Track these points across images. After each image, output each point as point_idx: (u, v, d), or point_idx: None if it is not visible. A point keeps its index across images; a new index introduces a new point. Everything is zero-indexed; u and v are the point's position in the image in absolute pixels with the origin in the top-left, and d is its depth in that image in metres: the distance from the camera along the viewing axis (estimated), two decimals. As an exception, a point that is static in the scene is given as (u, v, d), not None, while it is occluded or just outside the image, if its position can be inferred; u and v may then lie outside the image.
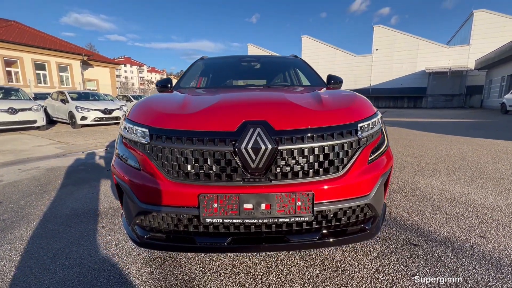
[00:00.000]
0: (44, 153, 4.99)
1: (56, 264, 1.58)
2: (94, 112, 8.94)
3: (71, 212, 2.32)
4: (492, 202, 2.40)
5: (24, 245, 1.80)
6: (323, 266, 1.52)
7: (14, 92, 8.73)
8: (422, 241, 1.77)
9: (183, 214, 1.17)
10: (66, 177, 3.41)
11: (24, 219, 2.21)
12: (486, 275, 1.41)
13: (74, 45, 22.59)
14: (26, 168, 3.89)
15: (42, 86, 18.95)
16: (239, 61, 2.91)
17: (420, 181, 3.01)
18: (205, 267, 1.52)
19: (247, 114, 1.21)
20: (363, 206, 1.26)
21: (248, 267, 1.51)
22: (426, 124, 9.68)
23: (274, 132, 1.15)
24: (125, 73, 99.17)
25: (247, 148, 1.11)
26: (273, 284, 1.37)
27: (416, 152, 4.61)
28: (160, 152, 1.20)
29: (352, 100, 1.51)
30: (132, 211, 1.27)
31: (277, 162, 1.15)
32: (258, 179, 1.15)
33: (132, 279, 1.43)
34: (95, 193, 2.79)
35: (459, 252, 1.62)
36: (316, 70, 2.79)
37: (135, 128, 1.30)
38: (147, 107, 1.46)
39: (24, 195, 2.76)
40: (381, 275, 1.43)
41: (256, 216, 1.13)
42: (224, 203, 1.12)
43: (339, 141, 1.19)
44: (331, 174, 1.19)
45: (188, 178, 1.17)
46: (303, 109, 1.30)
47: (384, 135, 1.52)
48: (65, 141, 6.55)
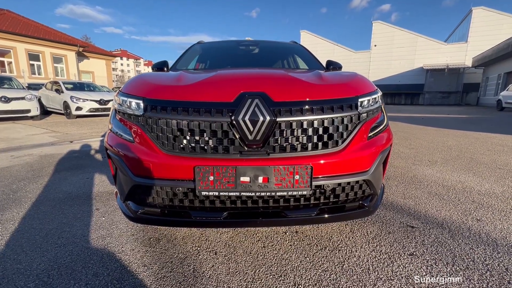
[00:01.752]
0: (37, 141, 4.90)
1: (48, 243, 1.55)
2: (90, 102, 8.81)
3: (65, 196, 2.28)
4: (488, 189, 2.41)
5: (16, 225, 1.76)
6: (320, 245, 1.50)
7: (7, 80, 8.55)
8: (419, 223, 1.76)
9: (178, 188, 1.14)
10: (60, 163, 3.36)
11: (16, 201, 2.16)
12: (482, 254, 1.41)
13: (69, 36, 22.16)
14: (19, 155, 3.82)
15: (36, 77, 18.61)
16: (237, 45, 2.86)
17: (417, 170, 3.01)
18: (201, 246, 1.49)
19: (245, 86, 1.18)
20: (361, 182, 1.24)
21: (244, 246, 1.49)
22: (423, 118, 9.71)
23: (273, 103, 1.11)
24: (122, 66, 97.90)
25: (245, 119, 1.08)
26: (269, 263, 1.36)
27: (414, 144, 4.61)
28: (154, 123, 1.16)
29: (352, 77, 1.48)
30: (125, 185, 1.24)
31: (275, 134, 1.12)
32: (255, 151, 1.12)
33: (125, 257, 1.40)
34: (89, 178, 2.75)
35: (456, 234, 1.62)
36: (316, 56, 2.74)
37: (128, 100, 1.26)
38: (142, 80, 1.41)
39: (16, 180, 2.70)
40: (378, 254, 1.42)
41: (253, 189, 1.10)
42: (220, 175, 1.09)
43: (339, 114, 1.17)
44: (330, 148, 1.16)
45: (184, 151, 1.14)
46: (303, 82, 1.26)
47: (384, 114, 1.50)
48: (59, 130, 6.44)
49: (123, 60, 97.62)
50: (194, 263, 1.35)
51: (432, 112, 14.52)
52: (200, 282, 1.21)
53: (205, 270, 1.29)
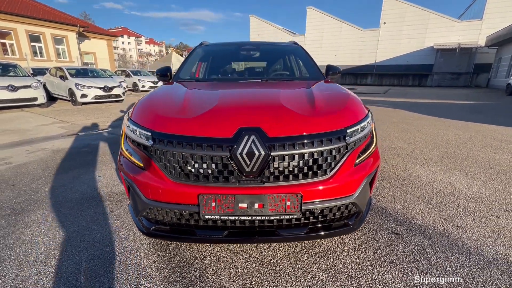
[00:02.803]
0: (48, 133, 5.10)
1: (72, 246, 1.76)
2: (94, 89, 8.90)
3: (81, 196, 2.49)
4: (475, 192, 2.55)
5: (41, 228, 1.98)
6: (311, 252, 1.70)
7: (12, 68, 8.62)
8: (403, 230, 1.93)
9: (184, 211, 1.31)
10: (72, 159, 3.56)
11: (37, 202, 2.38)
12: (455, 263, 1.59)
13: (69, 15, 21.65)
14: (32, 149, 4.03)
15: (38, 59, 18.53)
16: (239, 49, 2.90)
17: (411, 170, 3.15)
18: (205, 252, 1.70)
19: (243, 121, 1.30)
20: (346, 204, 1.39)
21: (244, 252, 1.69)
22: (427, 106, 9.63)
23: (267, 139, 1.24)
24: (123, 45, 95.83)
25: (242, 154, 1.21)
26: (265, 268, 1.56)
27: (412, 138, 4.70)
28: (162, 154, 1.31)
29: (344, 103, 1.58)
30: (138, 205, 1.41)
31: (270, 166, 1.25)
32: (252, 181, 1.26)
33: (140, 262, 1.61)
34: (101, 177, 2.95)
35: (435, 242, 1.79)
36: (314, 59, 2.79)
37: (139, 130, 1.39)
38: (150, 108, 1.54)
39: (34, 178, 2.92)
40: (361, 262, 1.61)
41: (250, 214, 1.27)
42: (221, 202, 1.25)
43: (328, 147, 1.29)
44: (319, 177, 1.30)
45: (189, 179, 1.29)
46: (295, 115, 1.37)
47: (373, 135, 1.61)
48: (67, 120, 6.63)
49: (124, 38, 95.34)
50: (200, 268, 1.56)
51: (438, 96, 14.28)
52: (205, 287, 1.42)
53: (209, 276, 1.50)
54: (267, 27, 40.17)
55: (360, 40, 33.96)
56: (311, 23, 36.52)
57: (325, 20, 35.32)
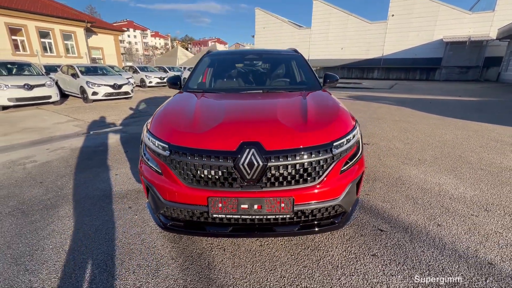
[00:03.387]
0: (64, 132, 5.44)
1: (99, 237, 2.06)
2: (104, 87, 9.22)
3: (101, 193, 2.79)
4: (461, 192, 2.75)
5: (71, 222, 2.28)
6: (304, 245, 1.95)
7: (26, 66, 8.98)
8: (388, 227, 2.17)
9: (196, 210, 1.57)
10: (90, 158, 3.87)
11: (64, 198, 2.69)
12: (429, 256, 1.82)
13: (76, 11, 21.97)
14: (53, 148, 4.36)
15: (48, 55, 18.95)
16: (243, 57, 3.12)
17: (404, 170, 3.35)
18: (213, 244, 1.97)
19: (244, 136, 1.54)
20: (334, 205, 1.63)
21: (246, 245, 1.96)
22: (431, 103, 9.66)
23: (265, 152, 1.48)
24: (128, 38, 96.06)
25: (244, 164, 1.46)
26: (264, 258, 1.82)
27: (411, 138, 4.86)
28: (177, 163, 1.56)
29: (332, 118, 1.80)
30: (157, 204, 1.68)
31: (267, 174, 1.50)
32: (252, 186, 1.51)
33: (158, 251, 1.90)
34: (118, 175, 3.25)
35: (415, 238, 2.03)
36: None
37: (156, 142, 1.65)
38: (165, 122, 1.79)
39: (59, 176, 3.24)
40: (347, 254, 1.86)
41: (250, 213, 1.52)
42: (226, 203, 1.51)
43: (316, 158, 1.53)
44: (309, 183, 1.54)
45: (199, 184, 1.55)
46: (289, 131, 1.61)
47: (359, 145, 1.83)
48: (80, 118, 6.96)
49: (130, 32, 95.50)
50: (208, 257, 1.84)
51: (444, 92, 14.18)
52: (213, 273, 1.69)
53: (216, 264, 1.77)
54: (272, 20, 39.82)
55: (367, 33, 33.44)
56: (317, 15, 36.04)
57: (332, 12, 34.80)
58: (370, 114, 7.29)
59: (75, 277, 1.67)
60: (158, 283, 1.62)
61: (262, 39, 41.19)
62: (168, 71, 19.65)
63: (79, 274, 1.69)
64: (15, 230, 2.16)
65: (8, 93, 7.52)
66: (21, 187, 2.93)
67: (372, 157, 3.82)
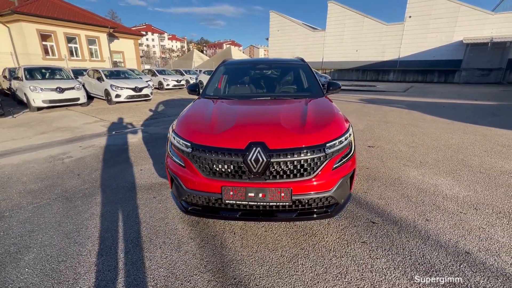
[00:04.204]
0: (93, 131, 6.01)
1: (131, 221, 2.46)
2: (126, 90, 9.88)
3: (130, 185, 3.22)
4: (455, 193, 2.95)
5: (107, 207, 2.71)
6: (303, 232, 2.26)
7: (58, 71, 9.80)
8: (380, 220, 2.43)
9: (211, 197, 1.92)
10: (117, 155, 4.34)
11: (99, 188, 3.14)
12: (412, 244, 2.08)
13: (100, 17, 23.28)
14: (85, 145, 4.89)
15: (74, 59, 20.21)
16: (254, 66, 3.47)
17: (404, 171, 3.56)
18: (225, 228, 2.32)
19: (252, 136, 1.88)
20: (327, 197, 1.93)
21: (253, 230, 2.29)
22: (444, 107, 9.60)
23: (268, 150, 1.81)
24: (147, 41, 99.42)
25: (251, 160, 1.80)
26: (268, 241, 2.15)
27: (416, 141, 5.02)
28: (198, 158, 1.93)
29: (328, 122, 2.10)
30: (180, 192, 2.05)
31: (270, 169, 1.83)
32: (257, 178, 1.85)
33: (179, 233, 2.27)
34: (142, 170, 3.68)
35: (403, 229, 2.28)
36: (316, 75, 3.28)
37: (181, 141, 2.02)
38: (188, 124, 2.17)
39: (92, 170, 3.71)
40: (340, 241, 2.15)
41: (256, 200, 1.85)
42: (236, 192, 1.85)
43: (311, 156, 1.84)
44: (305, 177, 1.86)
45: (215, 176, 1.90)
46: (289, 133, 1.93)
47: (351, 146, 2.12)
48: (106, 118, 7.58)
49: (148, 35, 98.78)
50: (221, 238, 2.18)
51: (460, 96, 13.90)
52: (224, 251, 2.04)
53: (227, 244, 2.12)
54: (287, 23, 40.09)
55: (383, 34, 32.98)
56: (332, 17, 35.94)
57: (347, 14, 34.60)
58: (380, 118, 7.43)
59: (114, 249, 2.06)
60: (180, 256, 1.98)
61: (276, 41, 41.52)
62: (184, 74, 20.39)
63: (117, 247, 2.09)
64: (62, 212, 2.61)
65: (43, 95, 8.30)
66: (63, 179, 3.42)
67: (375, 159, 4.05)
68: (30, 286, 1.72)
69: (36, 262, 1.94)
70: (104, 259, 1.96)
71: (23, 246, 2.11)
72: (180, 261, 1.94)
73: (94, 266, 1.89)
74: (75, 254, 2.02)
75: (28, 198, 2.91)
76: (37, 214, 2.57)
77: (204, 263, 1.91)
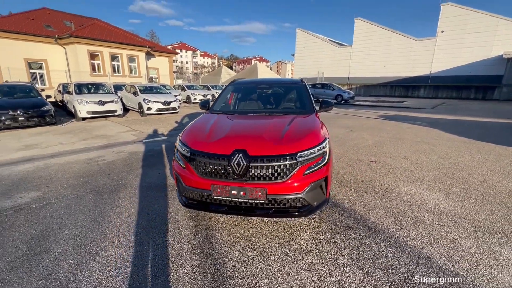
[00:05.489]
0: (125, 139, 6.89)
1: (146, 211, 2.99)
2: (157, 103, 10.99)
3: (148, 185, 3.80)
4: (441, 207, 3.07)
5: (130, 200, 3.28)
6: (283, 230, 2.60)
7: (101, 86, 11.26)
8: (357, 225, 2.68)
9: (203, 193, 2.37)
10: (142, 160, 5.03)
11: (123, 186, 3.76)
12: (378, 247, 2.32)
13: (140, 38, 25.94)
14: (116, 151, 5.70)
15: (116, 75, 22.58)
16: (257, 86, 3.98)
17: (397, 186, 3.72)
18: (217, 223, 2.74)
19: (237, 145, 2.32)
20: (298, 198, 2.28)
21: (241, 225, 2.68)
22: (468, 125, 9.22)
23: (249, 156, 2.23)
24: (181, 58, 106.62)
25: (234, 163, 2.23)
26: (251, 234, 2.52)
27: (422, 158, 5.06)
28: (194, 161, 2.41)
29: (304, 135, 2.48)
30: (181, 189, 2.53)
31: (249, 171, 2.24)
32: (239, 179, 2.27)
33: (180, 224, 2.73)
34: (160, 173, 4.27)
35: (375, 234, 2.52)
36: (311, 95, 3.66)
37: (183, 147, 2.53)
38: (190, 134, 2.68)
39: (120, 171, 4.39)
40: (314, 239, 2.45)
41: (238, 197, 2.26)
42: (222, 189, 2.28)
43: (284, 162, 2.22)
44: (278, 180, 2.24)
45: (207, 175, 2.36)
46: (267, 143, 2.34)
47: (325, 156, 2.46)
48: (137, 128, 8.54)
49: (182, 52, 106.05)
50: (213, 230, 2.60)
51: (494, 113, 13.09)
52: (215, 240, 2.45)
53: (217, 234, 2.53)
54: (312, 39, 40.81)
55: (412, 50, 32.12)
56: (358, 33, 35.94)
57: (374, 30, 34.40)
58: (394, 135, 7.44)
59: (128, 231, 2.58)
60: (177, 241, 2.44)
61: (302, 57, 42.29)
62: (211, 89, 21.70)
63: (131, 230, 2.61)
64: (93, 203, 3.23)
65: (88, 107, 9.61)
66: (96, 177, 4.12)
67: (372, 173, 4.23)
68: (64, 252, 2.28)
69: (70, 236, 2.52)
70: (119, 238, 2.48)
71: (62, 225, 2.72)
72: (176, 244, 2.39)
73: (111, 242, 2.42)
74: (99, 233, 2.57)
75: (69, 190, 3.61)
76: (74, 203, 3.22)
77: (195, 247, 2.34)
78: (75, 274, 2.02)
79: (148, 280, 1.96)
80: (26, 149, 5.87)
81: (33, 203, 3.21)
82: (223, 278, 1.98)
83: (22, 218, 2.86)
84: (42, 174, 4.26)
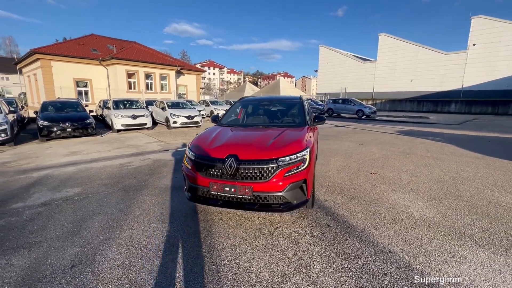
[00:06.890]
0: (152, 149, 7.81)
1: (160, 206, 3.63)
2: (181, 118, 12.08)
3: (165, 186, 4.48)
4: (422, 214, 3.32)
5: (150, 197, 3.97)
6: (270, 225, 3.06)
7: (135, 102, 12.69)
8: (335, 224, 3.06)
9: (203, 189, 2.95)
10: (163, 166, 5.79)
11: (146, 187, 4.48)
12: (349, 243, 2.68)
13: (172, 58, 28.32)
14: (143, 158, 6.56)
15: (149, 92, 24.77)
16: (260, 103, 4.58)
17: (387, 195, 3.99)
18: (217, 217, 3.28)
19: (230, 151, 2.89)
20: (279, 196, 2.76)
21: (235, 220, 3.19)
22: (489, 141, 8.91)
23: (239, 160, 2.78)
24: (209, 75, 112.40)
25: (227, 165, 2.79)
26: (242, 227, 3.02)
27: (423, 172, 5.20)
28: (198, 163, 3.01)
29: (287, 144, 2.98)
30: (188, 186, 3.14)
31: (239, 172, 2.78)
32: (231, 178, 2.81)
33: (187, 216, 3.32)
34: (177, 178, 4.96)
35: (349, 232, 2.88)
36: (308, 109, 4.17)
37: (190, 152, 3.16)
38: (197, 142, 3.31)
39: (145, 175, 5.16)
40: (294, 233, 2.88)
41: (230, 194, 2.80)
42: (218, 186, 2.84)
43: (267, 165, 2.74)
44: (262, 180, 2.75)
45: (206, 175, 2.94)
46: (254, 150, 2.87)
47: (305, 162, 2.92)
48: (163, 140, 9.53)
49: (210, 70, 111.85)
50: (212, 222, 3.15)
51: (527, 130, 12.27)
52: (214, 230, 2.99)
53: (215, 225, 3.07)
54: (336, 55, 41.16)
55: (441, 64, 31.06)
56: (383, 49, 35.67)
57: (399, 45, 33.96)
58: (404, 149, 7.53)
59: (146, 219, 3.22)
60: (182, 228, 3.01)
61: (325, 73, 42.67)
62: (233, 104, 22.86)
63: (148, 219, 3.25)
64: (120, 198, 3.96)
65: (123, 121, 10.92)
66: (124, 178, 4.92)
67: (368, 183, 4.52)
68: (97, 231, 2.97)
69: (101, 220, 3.21)
70: (138, 224, 3.12)
71: (96, 213, 3.45)
72: (181, 230, 2.97)
73: (132, 226, 3.06)
74: (123, 220, 3.24)
75: (103, 188, 4.40)
76: (106, 197, 3.97)
77: (195, 233, 2.90)
78: (104, 245, 2.67)
79: (156, 253, 2.54)
80: (71, 155, 6.99)
81: (76, 196, 4.02)
82: (213, 255, 2.50)
83: (67, 206, 3.65)
84: (83, 175, 5.17)
